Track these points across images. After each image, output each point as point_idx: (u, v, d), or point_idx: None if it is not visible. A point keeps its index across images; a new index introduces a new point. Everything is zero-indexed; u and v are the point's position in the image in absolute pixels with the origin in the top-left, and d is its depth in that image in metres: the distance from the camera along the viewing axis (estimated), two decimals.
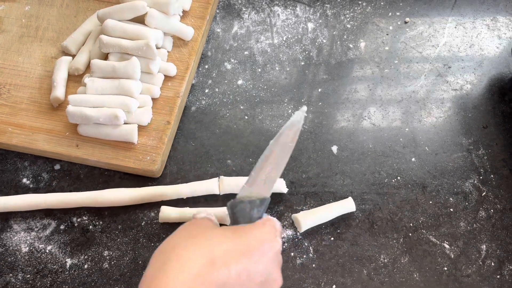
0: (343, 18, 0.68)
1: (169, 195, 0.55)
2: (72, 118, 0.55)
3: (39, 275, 0.52)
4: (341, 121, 0.61)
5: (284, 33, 0.67)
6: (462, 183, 0.57)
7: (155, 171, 0.55)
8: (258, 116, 0.61)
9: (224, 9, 0.69)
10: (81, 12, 0.66)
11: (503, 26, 0.68)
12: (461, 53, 0.65)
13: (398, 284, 0.52)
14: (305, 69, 0.64)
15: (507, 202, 0.56)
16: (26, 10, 0.66)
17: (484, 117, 0.61)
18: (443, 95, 0.63)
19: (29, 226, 0.55)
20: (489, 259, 0.53)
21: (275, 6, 0.69)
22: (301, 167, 0.58)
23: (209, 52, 0.66)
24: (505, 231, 0.54)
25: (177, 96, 0.59)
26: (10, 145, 0.57)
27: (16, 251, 0.53)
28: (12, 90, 0.61)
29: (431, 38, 0.67)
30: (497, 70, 0.64)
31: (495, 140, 0.60)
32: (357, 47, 0.66)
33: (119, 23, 0.58)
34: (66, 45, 0.62)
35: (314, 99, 0.62)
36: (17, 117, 0.59)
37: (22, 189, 0.57)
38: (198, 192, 0.55)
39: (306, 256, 0.53)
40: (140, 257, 0.53)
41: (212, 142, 0.59)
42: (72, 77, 0.61)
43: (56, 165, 0.58)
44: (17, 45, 0.64)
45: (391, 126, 0.60)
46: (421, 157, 0.58)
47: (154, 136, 0.57)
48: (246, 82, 0.63)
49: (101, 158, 0.56)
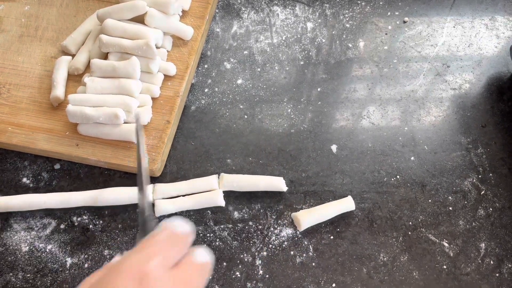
0: (342, 17, 0.68)
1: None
2: (72, 118, 0.55)
3: (39, 274, 0.52)
4: (340, 120, 0.61)
5: (283, 33, 0.67)
6: (461, 182, 0.57)
7: (155, 170, 0.55)
8: (258, 115, 0.61)
9: (223, 9, 0.69)
10: (81, 12, 0.66)
11: (501, 25, 0.68)
12: (459, 53, 0.66)
13: (397, 283, 0.52)
14: (304, 69, 0.65)
15: (506, 201, 0.56)
16: (26, 10, 0.66)
17: (483, 116, 0.61)
18: (442, 94, 0.63)
19: (29, 225, 0.55)
20: (488, 258, 0.53)
21: (274, 5, 0.69)
22: (300, 166, 0.58)
23: (208, 51, 0.66)
24: (504, 229, 0.55)
25: (177, 96, 0.59)
26: (10, 145, 0.58)
27: (16, 251, 0.53)
28: (12, 89, 0.61)
29: (430, 37, 0.67)
30: (495, 69, 0.65)
31: (494, 139, 0.60)
32: (356, 46, 0.66)
33: (119, 23, 0.58)
34: (66, 44, 0.62)
35: (313, 98, 0.62)
36: (17, 116, 0.59)
37: (22, 188, 0.57)
38: (198, 188, 0.55)
39: (306, 255, 0.53)
40: None
41: (212, 141, 0.60)
42: (72, 76, 0.61)
43: (56, 165, 0.58)
44: (17, 44, 0.64)
45: (390, 125, 0.61)
46: (420, 156, 0.59)
47: (154, 136, 0.57)
48: (245, 81, 0.64)
49: (101, 158, 0.56)
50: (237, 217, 0.55)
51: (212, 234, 0.54)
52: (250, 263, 0.52)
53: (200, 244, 0.53)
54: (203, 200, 0.55)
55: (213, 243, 0.53)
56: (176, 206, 0.54)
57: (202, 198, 0.55)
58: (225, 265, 0.52)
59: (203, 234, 0.54)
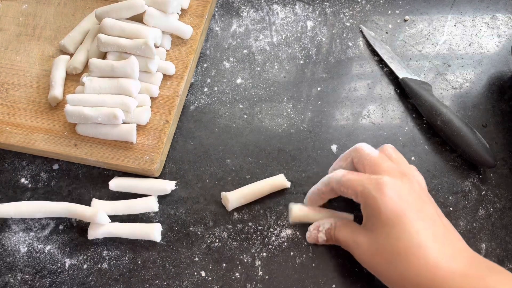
0: (342, 16, 0.68)
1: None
2: (70, 118, 0.55)
3: (38, 276, 0.52)
4: (340, 119, 0.61)
5: (283, 32, 0.67)
6: (462, 182, 0.57)
7: (154, 170, 0.55)
8: (257, 115, 0.61)
9: (222, 7, 0.69)
10: (79, 11, 0.66)
11: (502, 24, 0.67)
12: (460, 51, 0.65)
13: None
14: (304, 68, 0.64)
15: (507, 201, 0.56)
16: (24, 9, 0.66)
17: (484, 115, 0.61)
18: (443, 94, 0.62)
19: (27, 226, 0.55)
20: (489, 258, 0.53)
21: (274, 4, 0.69)
22: (300, 166, 0.58)
23: (208, 50, 0.65)
24: (504, 230, 0.54)
25: (176, 95, 0.59)
26: (8, 145, 0.57)
27: (14, 252, 0.53)
28: (10, 89, 0.60)
29: (430, 36, 0.66)
30: (496, 68, 0.64)
31: (495, 139, 0.59)
32: (357, 45, 0.66)
33: (117, 22, 0.58)
34: (64, 44, 0.62)
35: (313, 97, 0.62)
36: (15, 116, 0.58)
37: (20, 189, 0.56)
38: (135, 210, 0.55)
39: (306, 256, 0.53)
40: (139, 257, 0.53)
41: (211, 141, 0.59)
42: (70, 76, 0.61)
43: (54, 165, 0.58)
44: (15, 44, 0.64)
45: (391, 125, 0.60)
46: (421, 156, 0.58)
47: (153, 136, 0.56)
48: (245, 80, 0.63)
49: (99, 158, 0.55)
50: (237, 218, 0.55)
51: (212, 235, 0.54)
52: (250, 264, 0.52)
53: (200, 244, 0.53)
54: (137, 232, 0.53)
55: (212, 244, 0.53)
56: (107, 231, 0.53)
57: (137, 229, 0.53)
58: (225, 266, 0.52)
59: (202, 235, 0.54)
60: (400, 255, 0.43)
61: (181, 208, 0.55)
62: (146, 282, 0.52)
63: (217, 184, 0.57)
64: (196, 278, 0.52)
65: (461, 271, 0.41)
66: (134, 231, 0.53)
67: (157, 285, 0.51)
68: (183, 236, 0.54)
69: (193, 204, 0.56)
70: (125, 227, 0.53)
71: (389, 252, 0.44)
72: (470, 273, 0.41)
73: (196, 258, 0.53)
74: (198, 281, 0.52)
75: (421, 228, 0.43)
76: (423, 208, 0.45)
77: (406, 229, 0.43)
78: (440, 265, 0.41)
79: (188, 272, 0.52)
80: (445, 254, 0.42)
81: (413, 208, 0.44)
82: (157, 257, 0.53)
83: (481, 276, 0.41)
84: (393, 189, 0.44)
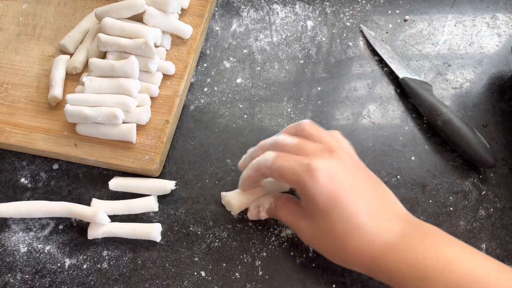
0: (342, 16, 0.68)
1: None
2: (70, 118, 0.55)
3: (37, 275, 0.52)
4: (340, 119, 0.61)
5: (283, 31, 0.67)
6: (462, 182, 0.57)
7: (154, 170, 0.55)
8: (257, 114, 0.61)
9: (222, 7, 0.69)
10: (79, 10, 0.66)
11: (502, 24, 0.67)
12: (460, 51, 0.65)
13: None
14: (304, 68, 0.64)
15: (507, 201, 0.56)
16: (24, 8, 0.66)
17: (484, 115, 0.61)
18: (443, 93, 0.62)
19: (27, 226, 0.55)
20: None
21: (274, 4, 0.69)
22: None
23: (208, 50, 0.65)
24: (504, 230, 0.54)
25: (176, 95, 0.59)
26: (8, 145, 0.57)
27: (14, 251, 0.53)
28: (9, 89, 0.60)
29: (430, 36, 0.66)
30: (496, 68, 0.64)
31: (495, 139, 0.59)
32: (357, 45, 0.66)
33: (117, 22, 0.58)
34: (64, 43, 0.62)
35: (313, 97, 0.62)
36: (14, 116, 0.58)
37: (20, 189, 0.56)
38: (134, 210, 0.54)
39: (306, 256, 0.53)
40: (139, 257, 0.53)
41: (211, 141, 0.59)
42: (70, 75, 0.61)
43: (54, 165, 0.58)
44: (15, 43, 0.63)
45: (391, 125, 0.60)
46: (421, 156, 0.58)
47: (153, 135, 0.56)
48: (245, 80, 0.63)
49: (99, 158, 0.55)
50: (237, 218, 0.55)
51: (212, 234, 0.54)
52: (250, 264, 0.52)
53: (200, 244, 0.53)
54: (137, 231, 0.53)
55: (212, 244, 0.53)
56: (107, 231, 0.53)
57: (137, 229, 0.53)
58: (225, 265, 0.52)
59: (202, 235, 0.54)
60: (340, 238, 0.43)
61: (181, 208, 0.55)
62: (146, 282, 0.52)
63: (217, 184, 0.57)
64: (196, 278, 0.52)
65: (395, 241, 0.42)
66: (134, 231, 0.53)
67: (157, 285, 0.51)
68: (183, 236, 0.54)
69: (193, 204, 0.55)
70: (125, 227, 0.53)
71: (329, 236, 0.44)
72: (403, 241, 0.42)
73: (196, 258, 0.53)
74: (198, 281, 0.52)
75: (355, 209, 0.43)
76: (356, 184, 0.44)
77: (342, 213, 0.43)
78: (377, 240, 0.43)
79: (188, 272, 0.52)
80: (380, 228, 0.43)
81: (347, 188, 0.43)
82: (157, 257, 0.53)
83: (415, 242, 0.42)
84: (325, 172, 0.43)
